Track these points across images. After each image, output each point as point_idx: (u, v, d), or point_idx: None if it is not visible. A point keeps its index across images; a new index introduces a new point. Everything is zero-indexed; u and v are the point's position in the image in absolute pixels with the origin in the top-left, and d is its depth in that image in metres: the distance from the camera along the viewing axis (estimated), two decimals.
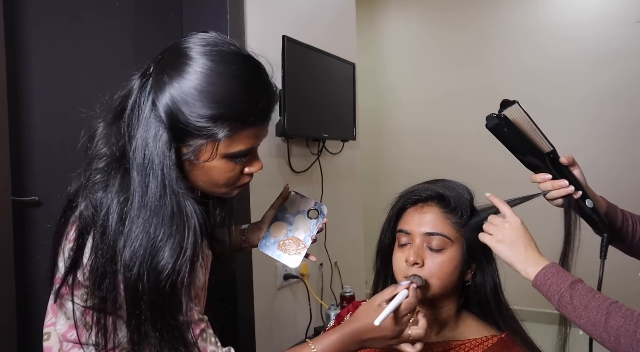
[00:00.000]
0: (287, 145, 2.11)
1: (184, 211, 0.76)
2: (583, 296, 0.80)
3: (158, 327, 0.75)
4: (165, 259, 0.74)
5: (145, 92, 0.76)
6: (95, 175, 0.78)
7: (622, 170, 3.29)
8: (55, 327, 0.82)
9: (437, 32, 3.97)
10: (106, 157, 0.78)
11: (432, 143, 3.96)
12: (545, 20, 3.55)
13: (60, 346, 0.81)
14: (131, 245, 0.73)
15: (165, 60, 0.78)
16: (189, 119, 0.74)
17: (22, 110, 1.37)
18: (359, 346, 0.87)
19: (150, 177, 0.74)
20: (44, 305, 1.40)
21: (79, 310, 0.76)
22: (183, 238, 0.75)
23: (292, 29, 2.11)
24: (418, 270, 0.96)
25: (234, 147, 0.78)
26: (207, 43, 0.78)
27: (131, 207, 0.74)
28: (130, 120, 0.76)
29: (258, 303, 1.92)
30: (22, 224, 1.36)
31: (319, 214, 1.05)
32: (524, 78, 3.58)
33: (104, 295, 0.73)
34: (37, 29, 1.40)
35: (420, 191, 1.02)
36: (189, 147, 0.77)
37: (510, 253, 0.88)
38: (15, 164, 1.30)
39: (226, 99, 0.75)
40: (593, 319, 0.77)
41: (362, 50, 3.40)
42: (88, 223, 0.75)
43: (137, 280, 0.72)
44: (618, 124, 3.27)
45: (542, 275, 0.84)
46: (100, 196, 0.76)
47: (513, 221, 0.90)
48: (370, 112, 4.04)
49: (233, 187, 0.85)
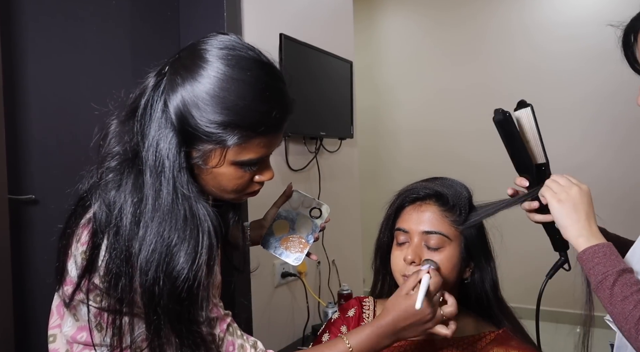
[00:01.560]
0: (285, 143, 2.11)
1: (197, 215, 0.75)
2: (627, 286, 0.76)
3: (177, 331, 0.74)
4: (180, 264, 0.72)
5: (158, 91, 0.75)
6: (108, 173, 0.76)
7: (620, 169, 3.30)
8: (62, 330, 0.81)
9: (434, 30, 3.97)
10: (119, 156, 0.76)
11: (430, 141, 3.96)
12: (543, 18, 3.56)
13: (70, 348, 0.80)
14: (146, 249, 0.71)
15: (181, 60, 0.76)
16: (199, 123, 0.72)
17: (18, 108, 1.36)
18: (394, 337, 0.86)
19: (162, 179, 0.73)
20: (41, 303, 1.40)
21: (92, 312, 0.74)
22: (197, 242, 0.74)
23: (289, 27, 2.10)
24: (416, 268, 0.96)
25: (244, 156, 0.77)
26: (225, 46, 0.76)
27: (145, 210, 0.73)
28: (143, 119, 0.75)
29: (256, 301, 1.92)
30: (19, 222, 1.35)
31: (321, 213, 1.06)
32: (522, 76, 3.59)
33: (120, 296, 0.72)
34: (33, 27, 1.40)
35: (419, 189, 1.02)
36: (198, 152, 0.76)
37: (569, 215, 0.84)
38: (11, 162, 1.30)
39: (238, 106, 0.73)
40: (627, 312, 0.74)
41: (359, 48, 3.39)
42: (102, 223, 0.73)
43: (153, 285, 0.71)
44: (616, 122, 3.28)
45: (593, 250, 0.80)
46: (114, 195, 0.74)
47: (584, 186, 0.86)
48: (368, 110, 4.04)
49: (242, 193, 0.84)
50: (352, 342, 0.84)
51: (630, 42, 0.84)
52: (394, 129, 4.15)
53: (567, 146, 3.36)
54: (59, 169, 1.45)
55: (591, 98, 3.38)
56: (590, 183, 0.95)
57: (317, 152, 2.32)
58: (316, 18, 2.37)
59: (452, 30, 3.88)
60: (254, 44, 0.80)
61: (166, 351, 0.75)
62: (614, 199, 3.07)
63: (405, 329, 0.85)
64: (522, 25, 3.62)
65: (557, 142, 3.29)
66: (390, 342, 0.86)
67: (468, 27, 3.82)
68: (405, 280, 0.90)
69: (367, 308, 1.12)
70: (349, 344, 0.84)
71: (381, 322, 0.86)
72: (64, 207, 1.45)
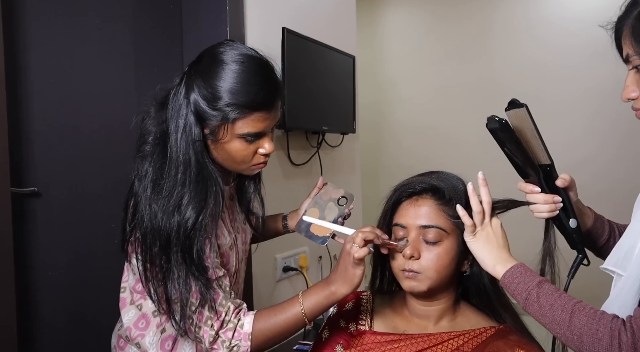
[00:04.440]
0: (287, 137, 2.11)
1: (206, 177, 0.98)
2: (549, 295, 0.81)
3: (187, 263, 0.95)
4: (190, 211, 0.95)
5: (181, 87, 0.98)
6: (146, 146, 1.01)
7: (623, 164, 3.28)
8: (128, 282, 1.08)
9: (437, 26, 3.95)
10: (153, 134, 1.01)
11: (432, 137, 3.95)
12: (547, 13, 3.53)
13: (132, 297, 1.07)
14: (166, 201, 0.95)
15: (198, 64, 0.99)
16: (209, 105, 0.96)
17: (21, 101, 1.37)
18: (333, 298, 0.99)
19: (182, 149, 0.97)
20: (44, 296, 1.41)
21: (141, 265, 0.98)
22: (205, 197, 0.97)
23: (291, 21, 2.10)
24: (414, 263, 0.96)
25: (244, 129, 0.98)
26: (240, 53, 0.99)
27: (168, 171, 0.97)
28: (171, 107, 0.99)
29: (257, 295, 1.92)
30: (21, 215, 1.36)
31: (347, 201, 1.21)
32: (525, 72, 3.57)
33: (150, 247, 0.95)
34: (35, 19, 1.40)
35: (415, 184, 1.02)
36: (209, 128, 0.98)
37: (482, 250, 0.92)
38: (14, 155, 1.30)
39: (234, 89, 0.96)
40: (558, 317, 0.78)
41: (362, 43, 3.38)
42: (137, 187, 0.99)
43: (170, 227, 0.94)
44: (618, 118, 3.26)
45: (510, 273, 0.86)
46: (146, 166, 0.99)
47: (494, 221, 0.94)
48: (370, 105, 4.03)
49: (250, 164, 1.04)
50: (305, 305, 0.99)
51: (620, 43, 0.84)
52: (397, 124, 4.14)
53: (570, 141, 3.35)
54: (61, 161, 1.45)
55: (594, 93, 3.35)
56: (592, 177, 0.95)
57: (319, 146, 2.31)
58: (319, 12, 2.36)
59: (455, 26, 3.85)
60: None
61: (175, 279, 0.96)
62: (615, 194, 3.06)
63: (335, 282, 0.98)
64: (526, 20, 3.60)
65: (560, 137, 3.28)
66: (330, 303, 0.99)
67: (471, 23, 3.79)
68: None
69: (366, 301, 1.13)
70: (302, 309, 0.99)
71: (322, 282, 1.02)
72: (66, 199, 1.47)
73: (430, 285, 0.97)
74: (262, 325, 0.98)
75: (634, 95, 0.83)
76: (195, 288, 0.96)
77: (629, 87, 0.84)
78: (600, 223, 1.05)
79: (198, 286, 0.96)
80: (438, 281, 0.97)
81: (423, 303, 1.02)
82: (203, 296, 0.96)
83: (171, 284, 0.95)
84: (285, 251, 2.12)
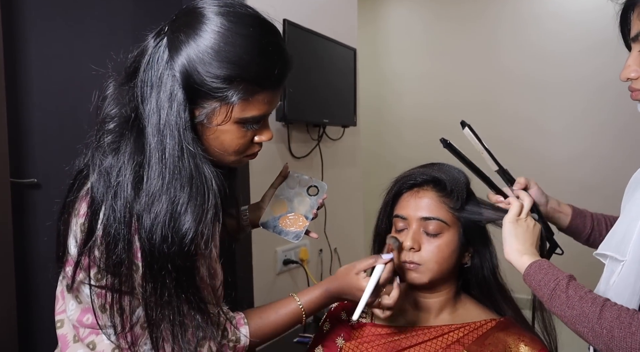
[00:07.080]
0: (287, 130, 2.10)
1: (203, 173, 0.76)
2: (579, 288, 0.78)
3: (183, 289, 0.75)
4: (189, 222, 0.73)
5: (159, 51, 0.75)
6: (107, 136, 0.75)
7: (621, 154, 3.27)
8: (67, 314, 0.81)
9: (439, 19, 3.93)
10: (117, 118, 0.76)
11: (433, 130, 3.92)
12: (552, 5, 3.52)
13: (76, 332, 0.80)
14: (152, 210, 0.72)
15: (181, 20, 0.76)
16: (205, 79, 0.73)
17: (20, 92, 1.36)
18: (337, 300, 0.98)
19: (168, 138, 0.73)
20: (44, 287, 1.41)
21: (95, 292, 0.74)
22: (204, 200, 0.75)
23: (293, 13, 2.09)
24: (415, 255, 0.96)
25: (248, 112, 0.77)
26: (224, 4, 0.76)
27: (150, 170, 0.73)
28: (144, 80, 0.75)
29: (257, 288, 1.92)
30: (21, 206, 1.36)
31: (319, 190, 1.07)
32: (527, 68, 3.55)
33: (118, 262, 0.72)
34: (34, 11, 1.39)
35: (416, 176, 1.02)
36: (202, 109, 0.76)
37: (516, 237, 0.89)
38: (14, 146, 1.30)
39: (243, 60, 0.73)
40: (587, 310, 0.74)
41: (363, 37, 3.37)
42: (100, 191, 0.73)
43: (161, 243, 0.72)
44: (615, 110, 3.25)
45: (538, 264, 0.84)
46: (111, 162, 0.74)
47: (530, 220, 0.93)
48: (372, 98, 4.01)
49: (242, 155, 0.84)
50: (303, 300, 0.93)
51: (627, 19, 0.82)
52: (398, 118, 4.13)
53: (569, 135, 3.34)
54: (61, 152, 1.45)
55: (595, 85, 3.35)
56: (592, 170, 0.96)
57: (320, 139, 2.31)
58: (320, 4, 2.35)
59: (457, 20, 3.84)
60: None
61: (165, 317, 0.75)
62: (614, 183, 3.05)
63: (347, 296, 0.93)
64: (531, 14, 3.58)
65: (561, 128, 3.28)
66: (333, 303, 0.99)
67: (474, 17, 3.77)
68: (364, 259, 0.94)
69: None
70: (299, 302, 0.93)
71: (330, 287, 0.94)
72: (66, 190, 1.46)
73: (432, 277, 0.96)
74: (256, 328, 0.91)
75: (634, 76, 0.82)
76: (192, 324, 0.77)
77: (630, 66, 0.82)
78: (581, 219, 1.06)
79: (195, 322, 0.77)
80: (439, 273, 0.97)
81: (424, 295, 1.02)
82: (204, 332, 0.78)
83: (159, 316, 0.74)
84: (286, 243, 2.12)
